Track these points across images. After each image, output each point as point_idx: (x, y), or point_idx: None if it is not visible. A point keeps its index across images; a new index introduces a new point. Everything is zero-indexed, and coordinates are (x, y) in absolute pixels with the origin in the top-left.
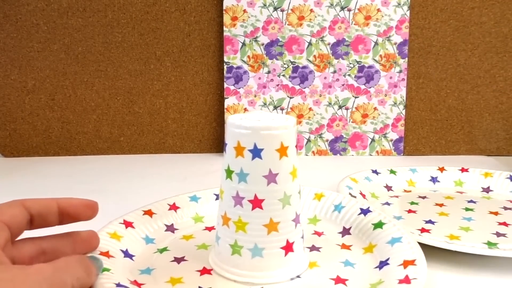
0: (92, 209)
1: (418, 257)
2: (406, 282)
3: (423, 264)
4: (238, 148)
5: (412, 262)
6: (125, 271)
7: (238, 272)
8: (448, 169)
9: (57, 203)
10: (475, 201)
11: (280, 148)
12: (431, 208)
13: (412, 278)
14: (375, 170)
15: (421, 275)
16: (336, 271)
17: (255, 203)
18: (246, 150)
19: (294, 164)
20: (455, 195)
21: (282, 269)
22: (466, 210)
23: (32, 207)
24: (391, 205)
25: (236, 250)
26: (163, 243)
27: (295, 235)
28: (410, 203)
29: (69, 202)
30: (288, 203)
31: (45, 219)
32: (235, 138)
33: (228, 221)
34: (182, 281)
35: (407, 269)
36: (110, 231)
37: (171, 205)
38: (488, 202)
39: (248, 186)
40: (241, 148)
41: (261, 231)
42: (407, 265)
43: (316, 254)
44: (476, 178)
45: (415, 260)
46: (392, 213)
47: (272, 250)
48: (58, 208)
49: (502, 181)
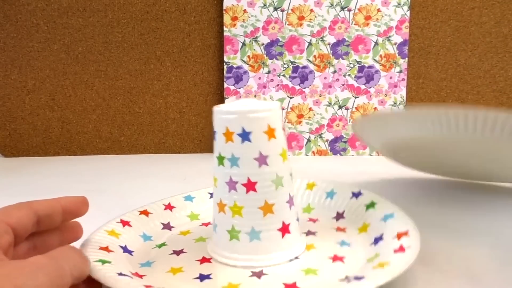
0: (86, 205)
1: (410, 228)
2: (401, 250)
3: (416, 234)
4: (227, 134)
5: (406, 233)
6: (125, 264)
7: (237, 257)
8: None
9: (59, 202)
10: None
11: (268, 130)
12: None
13: (406, 247)
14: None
15: (415, 243)
16: (333, 251)
17: (248, 186)
18: (235, 134)
19: (283, 146)
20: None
21: (280, 251)
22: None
23: (39, 209)
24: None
25: (234, 235)
26: (161, 239)
27: (290, 217)
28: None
29: (68, 200)
30: (281, 184)
31: (51, 219)
32: (223, 124)
33: (223, 207)
34: (182, 270)
35: (401, 240)
36: (108, 229)
37: (166, 205)
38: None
39: (240, 170)
40: (230, 133)
41: (257, 214)
42: (400, 236)
43: (313, 238)
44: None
45: (408, 231)
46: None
47: (269, 232)
48: (62, 207)
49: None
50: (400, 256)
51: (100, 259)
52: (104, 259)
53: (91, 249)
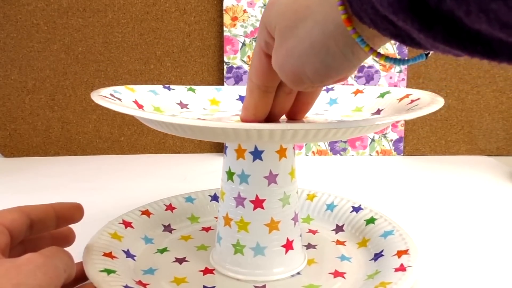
0: (81, 211)
1: (410, 246)
2: (402, 270)
3: (416, 253)
4: (239, 151)
5: (406, 252)
6: (129, 272)
7: (241, 271)
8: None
9: (52, 207)
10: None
11: (280, 150)
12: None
13: (407, 266)
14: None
15: (415, 262)
16: (334, 266)
17: (256, 203)
18: (247, 152)
19: (293, 165)
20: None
21: (283, 266)
22: None
23: (31, 213)
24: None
25: (238, 250)
26: (162, 244)
27: (294, 233)
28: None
29: (62, 206)
30: (288, 203)
31: (44, 224)
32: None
33: (230, 221)
34: (186, 281)
35: (401, 258)
36: (111, 231)
37: (167, 206)
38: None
39: (250, 187)
40: (242, 151)
41: (263, 230)
42: (401, 254)
43: (313, 252)
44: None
45: (408, 249)
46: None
47: (273, 248)
48: (55, 212)
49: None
50: (400, 275)
51: (105, 268)
52: (109, 268)
53: (95, 255)
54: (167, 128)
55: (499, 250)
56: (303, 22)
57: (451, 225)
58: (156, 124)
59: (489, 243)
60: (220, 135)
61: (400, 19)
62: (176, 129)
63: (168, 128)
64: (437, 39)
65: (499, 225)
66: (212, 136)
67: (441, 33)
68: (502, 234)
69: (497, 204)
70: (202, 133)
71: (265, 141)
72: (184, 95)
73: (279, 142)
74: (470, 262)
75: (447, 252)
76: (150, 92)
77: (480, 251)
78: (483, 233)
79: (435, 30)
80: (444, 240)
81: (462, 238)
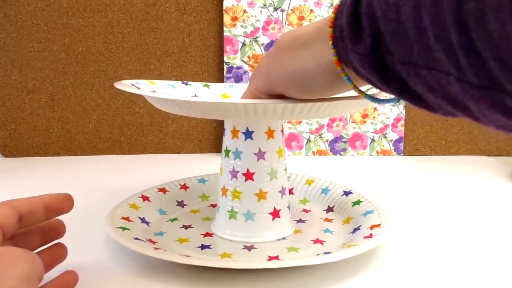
0: (71, 201)
1: (383, 221)
2: (369, 237)
3: (387, 226)
4: (234, 131)
5: (378, 225)
6: (142, 232)
7: (234, 233)
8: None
9: (41, 200)
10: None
11: (268, 131)
12: None
13: (375, 235)
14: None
15: (383, 233)
16: (316, 235)
17: (247, 175)
18: (240, 132)
19: (280, 146)
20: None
21: (270, 231)
22: None
23: (20, 207)
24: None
25: (232, 215)
26: (174, 215)
27: (281, 204)
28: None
29: (51, 197)
30: (275, 177)
31: (33, 217)
32: (231, 123)
33: (226, 191)
34: (188, 240)
35: (373, 230)
36: (131, 203)
37: (182, 185)
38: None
39: (242, 162)
40: (236, 131)
41: (253, 199)
42: (373, 227)
43: (302, 225)
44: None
45: (380, 224)
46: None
47: (261, 215)
48: (44, 204)
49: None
50: (366, 241)
51: (121, 226)
52: (124, 226)
53: (114, 218)
54: (178, 107)
55: (499, 250)
56: (302, 49)
57: (451, 225)
58: (168, 103)
59: (489, 243)
60: (222, 110)
61: (366, 72)
62: (186, 107)
63: (179, 107)
64: (395, 93)
65: (499, 225)
66: (216, 113)
67: (396, 89)
68: (502, 234)
69: (497, 204)
70: (208, 109)
71: (260, 115)
72: (200, 90)
73: (272, 117)
74: (470, 262)
75: (447, 252)
76: (168, 86)
77: (480, 251)
78: (483, 233)
79: (392, 85)
80: (444, 240)
81: (462, 238)
